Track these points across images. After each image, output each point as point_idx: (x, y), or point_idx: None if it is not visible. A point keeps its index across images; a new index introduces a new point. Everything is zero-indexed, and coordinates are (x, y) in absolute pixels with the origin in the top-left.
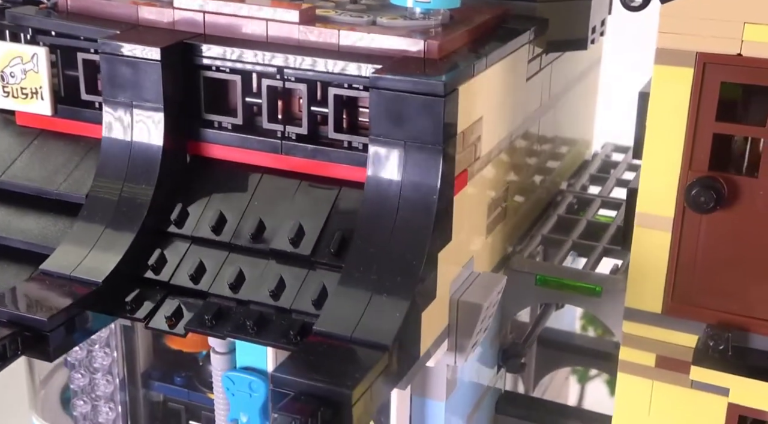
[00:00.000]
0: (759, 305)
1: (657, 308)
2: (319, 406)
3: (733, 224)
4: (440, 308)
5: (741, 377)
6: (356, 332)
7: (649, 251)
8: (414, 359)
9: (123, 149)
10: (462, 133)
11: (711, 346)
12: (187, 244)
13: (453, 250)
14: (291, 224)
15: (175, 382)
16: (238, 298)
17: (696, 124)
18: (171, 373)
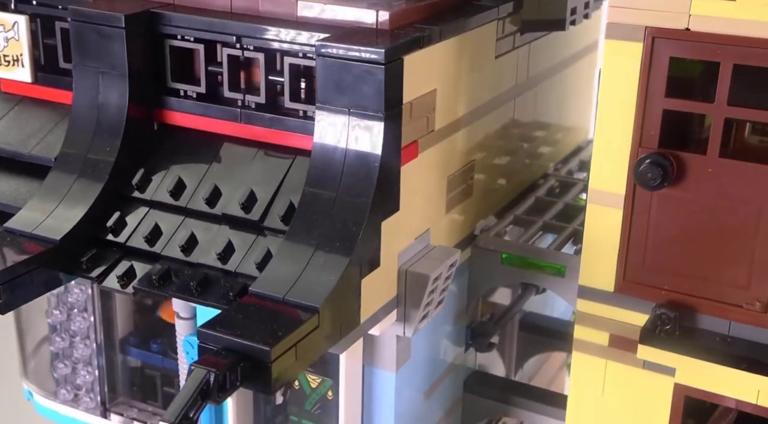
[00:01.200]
0: (707, 284)
1: (610, 286)
2: (240, 361)
3: (683, 203)
4: (387, 277)
5: (686, 357)
6: (289, 293)
7: (602, 228)
8: (354, 325)
9: (90, 115)
10: (410, 103)
11: (659, 325)
12: (146, 208)
13: (401, 220)
14: (244, 190)
15: (151, 349)
16: (188, 260)
17: (646, 100)
18: (149, 340)
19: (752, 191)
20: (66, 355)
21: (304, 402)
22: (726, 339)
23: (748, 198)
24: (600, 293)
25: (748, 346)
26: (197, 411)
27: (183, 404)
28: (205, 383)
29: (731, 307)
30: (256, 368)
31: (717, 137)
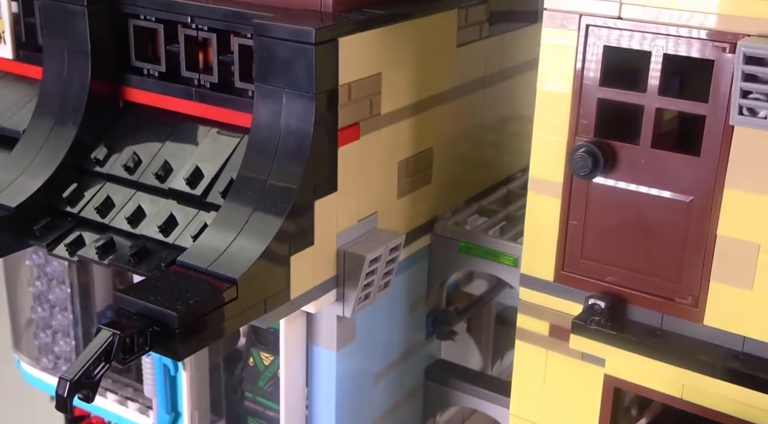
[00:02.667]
0: (640, 277)
1: (549, 275)
2: (149, 326)
3: (616, 193)
4: (324, 256)
5: (615, 349)
6: (213, 265)
7: (541, 217)
8: (282, 300)
9: (57, 91)
10: (348, 85)
11: (590, 316)
12: (103, 181)
13: (341, 201)
14: (190, 166)
15: None
16: (133, 232)
17: (581, 89)
18: None
19: (683, 183)
20: (46, 324)
21: (258, 379)
22: (656, 332)
23: (680, 190)
24: (540, 282)
25: (678, 340)
26: (100, 371)
27: (84, 363)
28: (109, 344)
29: (663, 300)
30: (165, 333)
31: (649, 127)
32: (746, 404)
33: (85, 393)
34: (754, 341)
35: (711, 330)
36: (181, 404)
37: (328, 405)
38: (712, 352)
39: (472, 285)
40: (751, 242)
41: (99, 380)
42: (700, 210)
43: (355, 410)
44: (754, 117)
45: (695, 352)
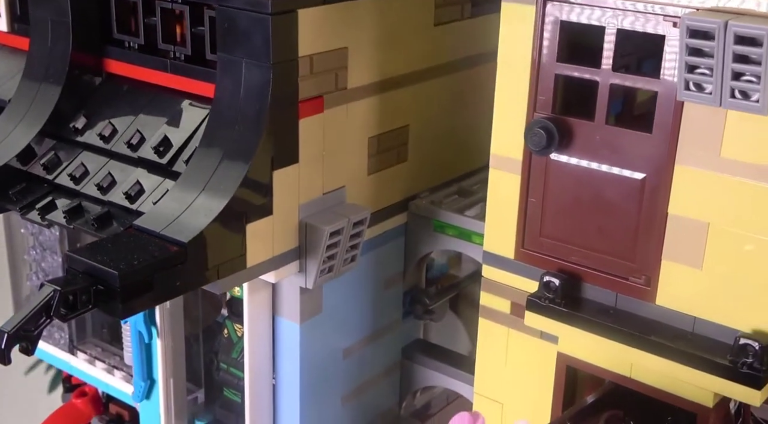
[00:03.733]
0: (595, 255)
1: (510, 253)
2: (93, 284)
3: (572, 170)
4: (285, 227)
5: (567, 326)
6: (165, 229)
7: (502, 194)
8: (237, 268)
9: (41, 61)
10: (309, 57)
11: (545, 293)
12: (80, 149)
13: (303, 173)
14: (160, 135)
15: None
16: (102, 198)
17: (539, 64)
18: None
19: (636, 160)
20: None
21: (232, 350)
22: (609, 311)
23: (633, 167)
24: (502, 260)
25: (629, 319)
26: (39, 326)
27: (23, 317)
28: (50, 300)
29: (617, 279)
30: (108, 292)
31: (603, 104)
32: (691, 383)
33: (24, 346)
34: (704, 322)
35: (663, 310)
36: (157, 372)
37: (292, 376)
38: (661, 332)
39: (461, 268)
40: (700, 221)
41: (39, 333)
42: (652, 188)
43: (322, 383)
44: (700, 92)
45: (644, 331)
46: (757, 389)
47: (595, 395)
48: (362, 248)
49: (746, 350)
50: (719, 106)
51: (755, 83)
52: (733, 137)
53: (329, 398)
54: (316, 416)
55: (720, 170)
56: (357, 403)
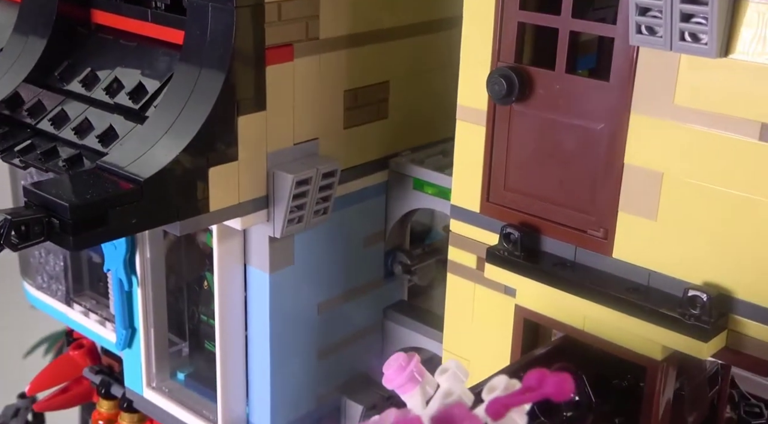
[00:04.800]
0: (555, 208)
1: (476, 206)
2: (47, 216)
3: (534, 120)
4: (250, 173)
5: (524, 278)
6: (125, 168)
7: (469, 146)
8: (198, 211)
9: (32, 10)
10: (277, 3)
11: (505, 245)
12: (62, 96)
13: (272, 121)
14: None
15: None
16: (78, 142)
17: (502, 12)
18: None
19: (595, 110)
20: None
21: (211, 302)
22: (566, 264)
23: (591, 117)
24: (468, 214)
25: (585, 272)
26: None
27: None
28: (1, 228)
29: (577, 232)
30: (61, 224)
31: (563, 51)
32: (640, 336)
33: None
34: (659, 275)
35: (619, 263)
36: (138, 321)
37: (263, 326)
38: (616, 285)
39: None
40: (655, 171)
41: None
42: (609, 138)
43: (295, 336)
44: (652, 36)
45: (598, 284)
46: (704, 342)
47: (546, 347)
48: (340, 204)
49: (694, 302)
50: (670, 49)
51: (704, 25)
52: (685, 84)
53: (303, 351)
54: (289, 368)
55: (673, 118)
56: (335, 359)
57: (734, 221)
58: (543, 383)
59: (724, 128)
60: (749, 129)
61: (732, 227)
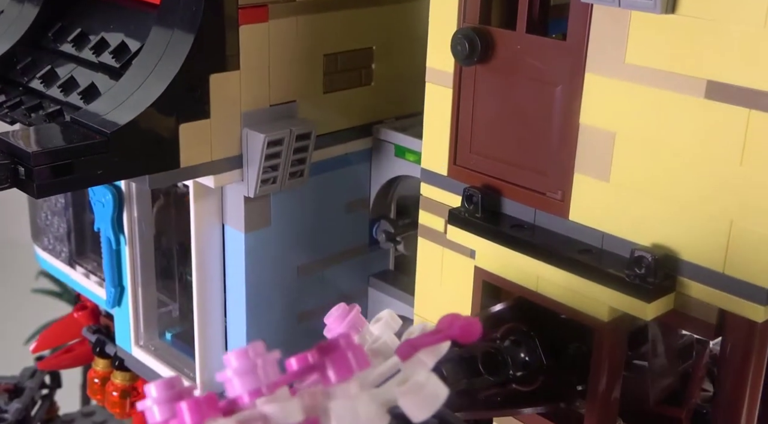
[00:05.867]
0: (516, 170)
1: (444, 169)
2: (13, 163)
3: (496, 82)
4: (223, 132)
5: (482, 239)
6: (95, 121)
7: (437, 109)
8: (169, 166)
9: None
10: None
11: (466, 206)
12: (55, 56)
13: (245, 81)
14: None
15: None
16: (63, 100)
17: None
18: None
19: (553, 70)
20: (47, 206)
21: None
22: (524, 226)
23: (550, 77)
24: (436, 177)
25: (541, 234)
26: None
27: None
28: None
29: (536, 194)
30: (26, 171)
31: (524, 11)
32: (589, 297)
33: None
34: (611, 237)
35: (575, 226)
36: (126, 279)
37: (239, 285)
38: (569, 246)
39: None
40: (608, 131)
41: None
42: (566, 98)
43: (271, 296)
44: None
45: (552, 246)
46: (647, 302)
47: (500, 306)
48: (322, 168)
49: (640, 263)
50: (618, 6)
51: None
52: (636, 43)
53: (282, 313)
54: (266, 329)
55: (625, 78)
56: (317, 323)
57: (681, 181)
58: (451, 326)
59: (671, 86)
60: (695, 87)
61: (679, 187)
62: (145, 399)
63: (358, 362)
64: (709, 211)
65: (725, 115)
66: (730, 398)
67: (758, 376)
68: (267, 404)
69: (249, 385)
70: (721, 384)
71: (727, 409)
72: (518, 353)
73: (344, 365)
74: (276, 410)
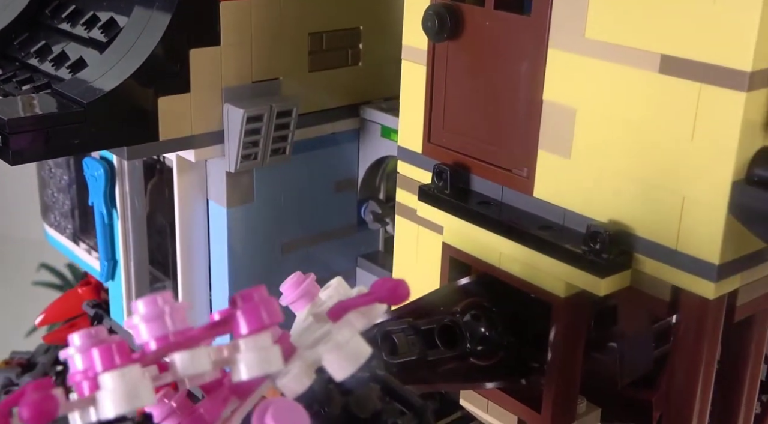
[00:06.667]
0: (485, 147)
1: (419, 147)
2: None
3: (466, 59)
4: (204, 106)
5: (449, 215)
6: (75, 92)
7: (413, 87)
8: (148, 138)
9: None
10: None
11: (436, 183)
12: (51, 32)
13: (226, 57)
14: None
15: None
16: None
17: None
18: None
19: (519, 46)
20: (53, 183)
21: None
22: (490, 203)
23: (516, 53)
24: (412, 155)
25: (506, 210)
26: None
27: None
28: None
29: (504, 171)
30: (2, 138)
31: None
32: (547, 272)
33: None
34: (572, 213)
35: (539, 202)
36: (119, 254)
37: (222, 259)
38: (530, 222)
39: None
40: (569, 107)
41: None
42: (531, 74)
43: (255, 271)
44: None
45: (514, 222)
46: (600, 277)
47: (464, 281)
48: (309, 146)
49: (595, 238)
50: None
51: None
52: (595, 17)
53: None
54: None
55: (584, 53)
56: None
57: (636, 156)
58: (380, 288)
59: (628, 61)
60: (650, 61)
61: (634, 163)
62: (68, 347)
63: (269, 315)
64: (662, 187)
65: (678, 90)
66: (684, 379)
67: (712, 355)
68: (175, 352)
69: (155, 331)
70: (675, 365)
71: (682, 389)
72: (478, 327)
73: (255, 316)
74: (184, 358)
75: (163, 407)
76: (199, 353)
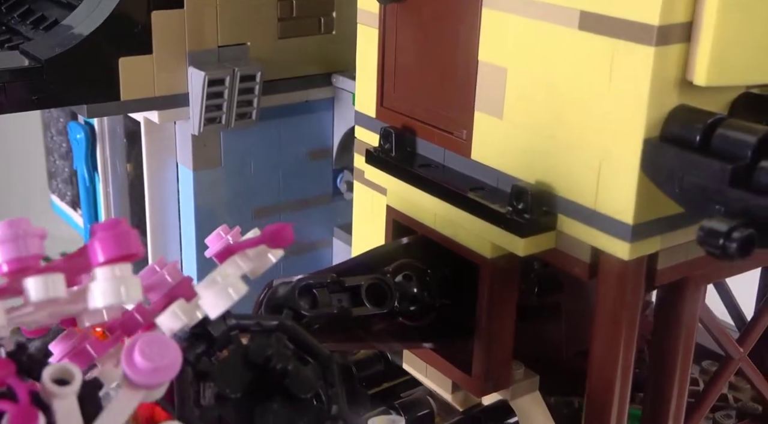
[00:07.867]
0: (430, 111)
1: (372, 112)
2: None
3: (412, 21)
4: (167, 69)
5: (392, 178)
6: (37, 51)
7: (367, 50)
8: (109, 97)
9: None
10: None
11: (382, 146)
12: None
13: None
14: None
15: None
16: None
17: None
18: None
19: (456, 7)
20: (56, 150)
21: None
22: (431, 165)
23: (455, 14)
24: (367, 120)
25: (445, 173)
26: None
27: None
28: None
29: (446, 134)
30: None
31: None
32: (474, 233)
33: None
34: (504, 175)
35: (476, 165)
36: (101, 216)
37: (189, 221)
38: (464, 184)
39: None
40: (501, 67)
41: None
42: (467, 35)
43: None
44: None
45: (449, 183)
46: (520, 237)
47: (400, 242)
48: (281, 113)
49: (520, 198)
50: None
51: None
52: None
53: None
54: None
55: (513, 11)
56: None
57: (559, 115)
58: (265, 232)
59: (551, 18)
60: (570, 17)
61: (557, 122)
62: None
63: (128, 244)
64: (582, 146)
65: (596, 46)
66: (605, 343)
67: (632, 319)
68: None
69: (8, 254)
70: (596, 328)
71: (604, 352)
72: (409, 287)
73: (110, 245)
74: (38, 283)
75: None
76: (53, 278)
